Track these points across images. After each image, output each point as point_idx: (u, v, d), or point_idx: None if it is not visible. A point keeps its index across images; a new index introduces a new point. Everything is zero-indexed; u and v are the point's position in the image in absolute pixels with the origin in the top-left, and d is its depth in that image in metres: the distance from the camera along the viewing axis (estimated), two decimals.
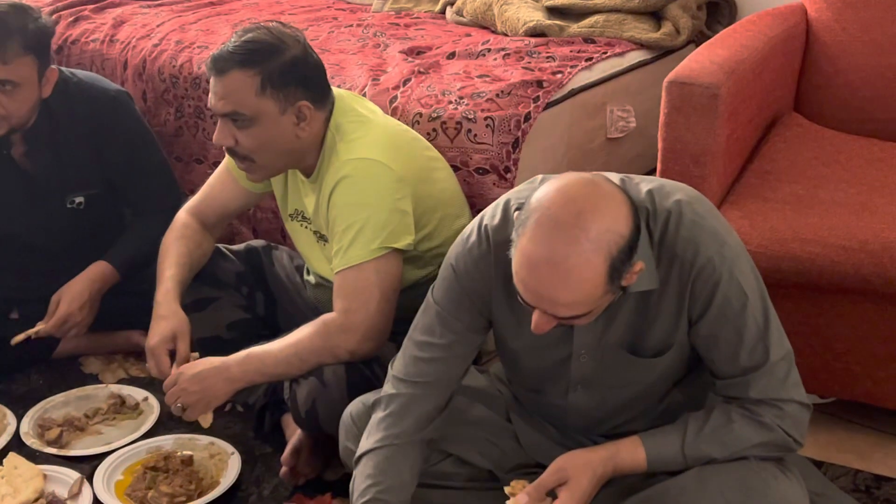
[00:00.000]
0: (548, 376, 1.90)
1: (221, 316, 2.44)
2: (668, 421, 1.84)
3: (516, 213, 1.68)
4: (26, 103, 2.48)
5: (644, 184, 1.74)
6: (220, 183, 2.41)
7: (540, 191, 1.63)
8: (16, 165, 2.57)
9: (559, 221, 1.58)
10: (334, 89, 2.26)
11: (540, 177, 1.79)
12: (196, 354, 2.24)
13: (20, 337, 2.51)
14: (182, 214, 2.43)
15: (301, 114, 2.14)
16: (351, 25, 3.27)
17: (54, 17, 3.36)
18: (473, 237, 1.83)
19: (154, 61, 3.11)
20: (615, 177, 1.73)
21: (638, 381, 1.85)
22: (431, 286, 1.92)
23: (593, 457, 1.81)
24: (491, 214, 1.83)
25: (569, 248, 1.57)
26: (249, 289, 2.50)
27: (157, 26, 3.27)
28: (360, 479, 1.87)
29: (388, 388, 1.92)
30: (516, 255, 1.62)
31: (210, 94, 2.14)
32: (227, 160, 2.37)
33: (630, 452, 1.81)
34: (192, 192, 2.99)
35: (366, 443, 1.89)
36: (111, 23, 3.32)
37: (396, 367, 1.92)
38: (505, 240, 1.71)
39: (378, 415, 1.91)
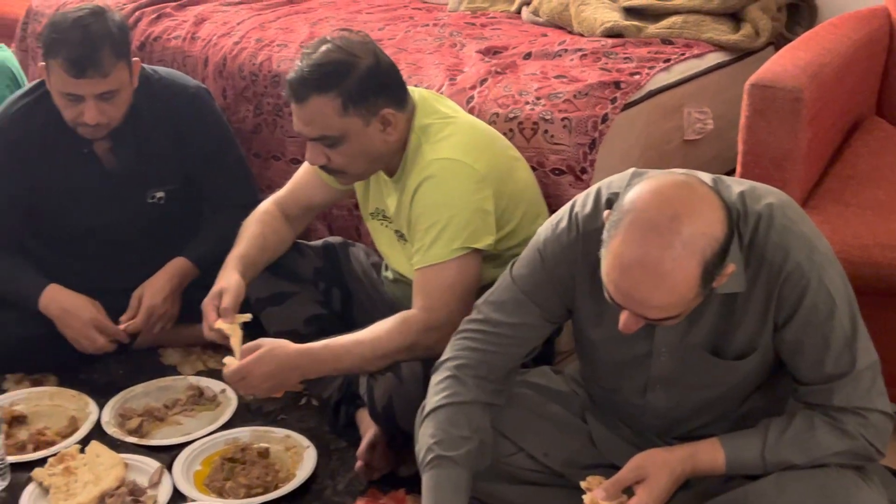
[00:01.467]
0: (625, 373, 1.90)
1: (299, 311, 2.46)
2: (747, 426, 1.82)
3: (607, 212, 1.67)
4: (124, 105, 2.53)
5: (735, 186, 1.73)
6: (306, 178, 2.44)
7: (633, 191, 1.62)
8: (98, 161, 2.62)
9: (653, 224, 1.57)
10: (416, 89, 2.27)
11: (632, 170, 1.79)
12: (248, 316, 2.27)
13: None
14: (265, 203, 2.47)
15: (385, 120, 2.16)
16: (427, 25, 3.27)
17: (136, 14, 3.41)
18: (563, 223, 1.84)
19: (234, 59, 3.14)
20: (707, 177, 1.72)
21: (718, 383, 1.84)
22: (511, 263, 1.94)
23: (672, 456, 1.80)
24: (582, 203, 1.83)
25: (663, 251, 1.56)
26: (326, 284, 2.52)
27: (238, 24, 3.31)
28: (423, 440, 1.90)
29: (448, 351, 1.95)
30: (608, 255, 1.61)
31: (294, 119, 2.17)
32: None
33: (709, 454, 1.79)
34: (269, 188, 3.04)
35: (428, 403, 1.92)
36: (192, 20, 3.37)
37: (460, 331, 1.94)
38: (595, 229, 1.71)
39: (437, 377, 1.93)
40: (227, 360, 2.17)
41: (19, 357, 2.62)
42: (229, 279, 2.30)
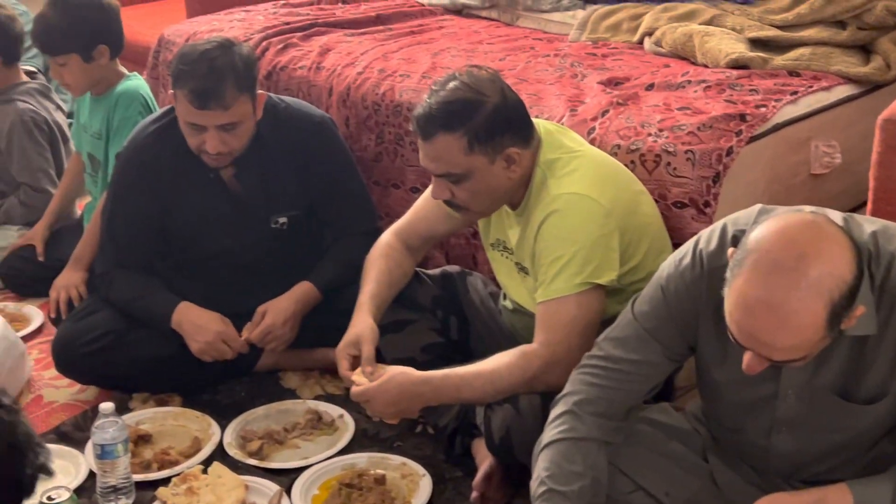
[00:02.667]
0: (749, 414, 1.86)
1: (417, 338, 2.49)
2: (876, 471, 1.77)
3: (731, 249, 1.64)
4: (246, 135, 2.58)
5: (867, 225, 1.69)
6: (427, 208, 2.46)
7: (758, 229, 1.59)
8: (225, 187, 2.68)
9: (779, 264, 1.54)
10: (541, 122, 2.28)
11: (759, 206, 1.76)
12: (383, 367, 2.27)
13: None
14: (387, 235, 2.49)
15: (510, 158, 2.17)
16: (548, 55, 3.27)
17: (264, 44, 3.49)
18: (687, 260, 1.82)
19: (358, 88, 3.19)
20: (837, 216, 1.68)
21: (847, 427, 1.79)
22: (633, 299, 1.92)
23: (798, 500, 1.77)
24: (707, 239, 1.81)
25: (788, 292, 1.53)
26: (444, 313, 2.54)
27: (361, 54, 3.36)
28: (536, 473, 1.89)
29: (568, 386, 1.93)
30: (731, 295, 1.59)
31: (420, 154, 2.21)
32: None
33: (837, 499, 1.74)
34: (389, 215, 3.07)
35: (544, 437, 1.92)
36: (318, 50, 3.43)
37: (581, 366, 1.93)
38: (720, 266, 1.68)
39: (556, 411, 1.93)
40: (356, 377, 2.21)
41: (146, 377, 2.69)
42: (364, 325, 2.32)
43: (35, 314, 3.16)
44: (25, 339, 2.95)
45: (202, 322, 2.59)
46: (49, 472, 1.49)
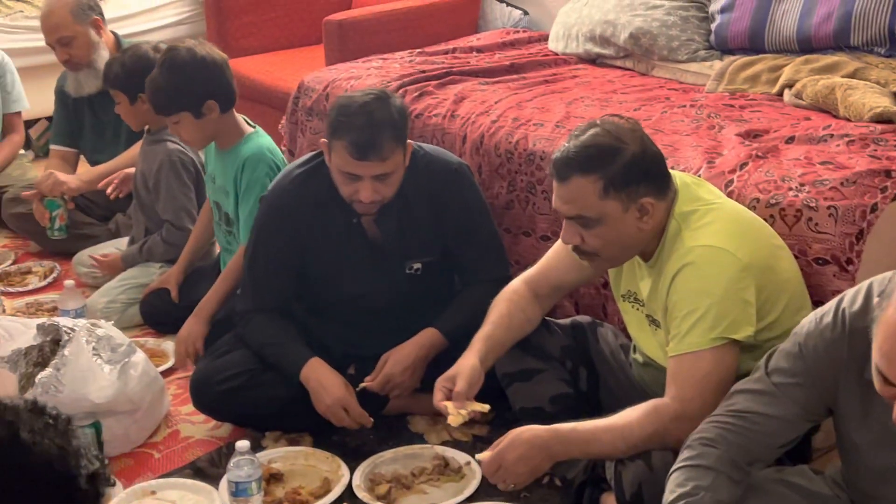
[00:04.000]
0: (891, 479, 1.79)
1: (545, 388, 2.48)
2: None
3: (876, 299, 1.60)
4: (397, 183, 2.63)
5: None
6: (558, 257, 2.46)
7: None
8: (363, 232, 2.72)
9: None
10: (677, 174, 2.27)
11: None
12: (485, 407, 2.29)
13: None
14: (516, 282, 2.51)
15: (644, 209, 2.17)
16: (684, 106, 3.25)
17: (400, 91, 3.56)
18: (829, 319, 1.78)
19: (491, 136, 3.22)
20: None
21: None
22: (768, 354, 1.88)
23: None
24: (851, 299, 1.77)
25: None
26: (574, 363, 2.53)
27: (495, 103, 3.39)
28: (666, 494, 1.88)
29: (697, 432, 1.92)
30: (881, 327, 1.50)
31: (554, 196, 2.21)
32: None
33: None
34: (518, 263, 3.08)
35: (672, 467, 1.90)
36: (452, 98, 3.47)
37: (712, 417, 1.91)
38: (863, 327, 1.64)
39: (685, 454, 1.90)
40: (480, 455, 2.20)
41: (279, 416, 2.73)
42: (466, 363, 2.35)
43: (173, 350, 3.25)
44: (164, 374, 3.02)
45: (327, 384, 2.61)
46: (109, 482, 1.49)
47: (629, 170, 2.13)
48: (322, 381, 2.62)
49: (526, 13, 4.56)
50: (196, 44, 3.04)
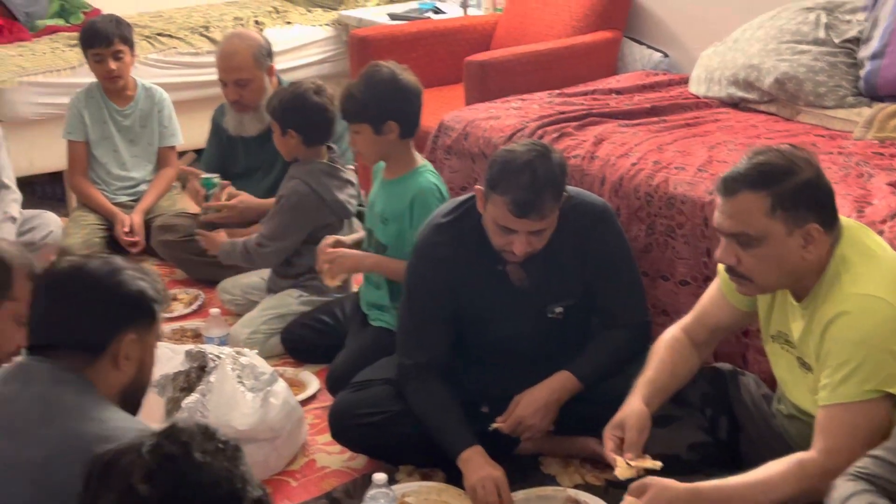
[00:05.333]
0: None
1: (683, 435, 2.46)
2: None
3: None
4: (549, 235, 2.61)
5: None
6: (712, 301, 2.44)
7: None
8: (507, 278, 2.72)
9: None
10: (844, 218, 2.22)
11: None
12: (657, 464, 2.24)
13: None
14: (673, 329, 2.49)
15: (809, 236, 2.12)
16: (831, 153, 3.18)
17: (539, 132, 3.57)
18: None
19: (631, 179, 3.20)
20: None
21: None
22: None
23: None
24: None
25: None
26: (713, 411, 2.50)
27: (635, 145, 3.37)
28: None
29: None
30: None
31: (716, 213, 2.18)
32: (718, 280, 2.40)
33: None
34: (656, 307, 3.06)
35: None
36: (592, 140, 3.47)
37: (857, 466, 1.85)
38: None
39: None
40: (619, 468, 2.22)
41: (414, 452, 2.74)
42: (633, 408, 2.33)
43: (311, 380, 3.28)
44: (302, 403, 3.07)
45: (482, 474, 2.56)
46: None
47: (800, 192, 2.10)
48: (478, 470, 2.57)
49: (666, 55, 4.53)
50: (399, 68, 3.12)
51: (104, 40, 4.13)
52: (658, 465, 2.26)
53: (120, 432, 1.68)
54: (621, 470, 2.24)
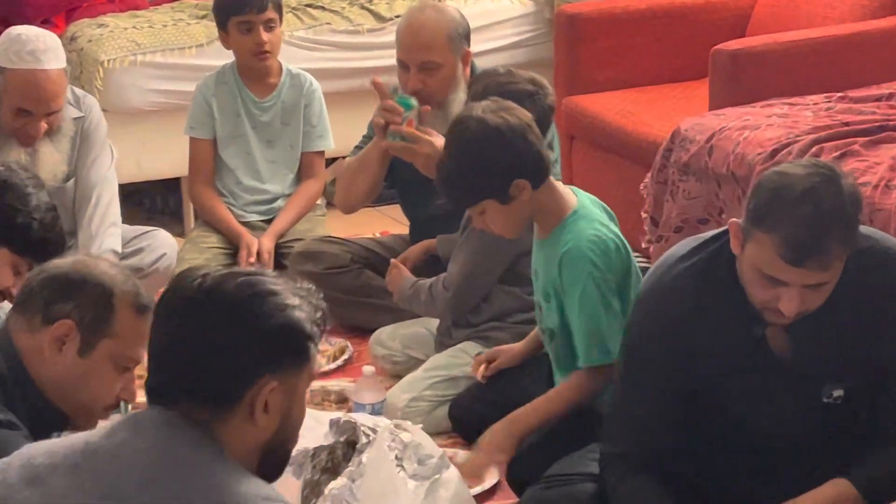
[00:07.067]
0: None
1: None
2: None
3: None
4: (830, 291, 2.56)
5: None
6: None
7: None
8: (766, 346, 2.67)
9: None
10: None
11: None
12: None
13: None
14: None
15: None
16: None
17: (814, 149, 3.50)
18: None
19: None
20: None
21: None
22: None
23: None
24: None
25: None
26: None
27: None
28: None
29: None
30: None
31: None
32: None
33: None
34: None
35: None
36: (888, 164, 3.39)
37: None
38: None
39: None
40: None
41: None
42: None
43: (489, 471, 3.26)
44: (477, 498, 3.05)
45: None
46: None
47: None
48: None
49: None
50: (486, 108, 3.07)
51: (256, 4, 4.20)
52: None
53: (242, 500, 1.71)
54: None
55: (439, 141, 3.55)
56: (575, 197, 3.18)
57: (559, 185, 3.19)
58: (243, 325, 1.83)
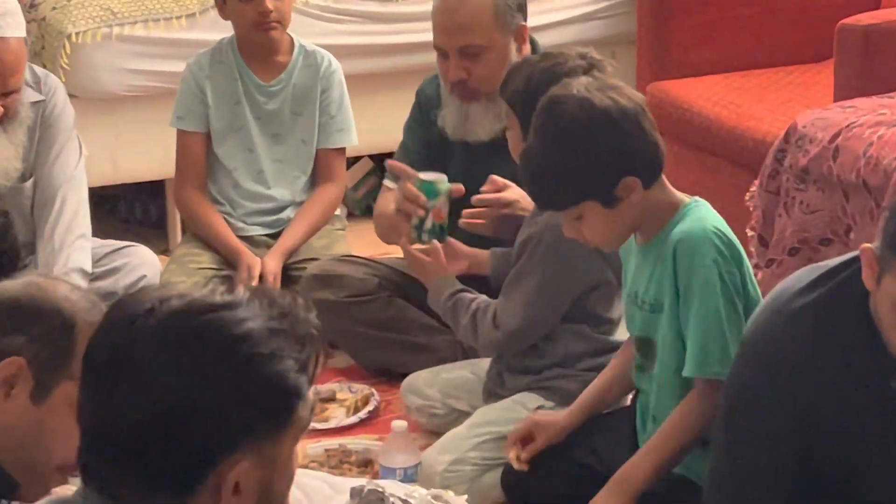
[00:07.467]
0: None
1: None
2: None
3: None
4: None
5: None
6: None
7: None
8: None
9: None
10: None
11: None
12: None
13: None
14: None
15: None
16: None
17: None
18: None
19: None
20: None
21: None
22: None
23: None
24: None
25: None
26: None
27: None
28: None
29: None
30: None
31: None
32: None
33: None
34: None
35: None
36: None
37: None
38: None
39: None
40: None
41: None
42: None
43: None
44: None
45: None
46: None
47: None
48: None
49: None
50: (589, 86, 3.03)
51: None
52: None
53: None
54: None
55: (482, 255, 3.74)
56: (689, 199, 3.15)
57: (668, 184, 3.14)
58: (203, 388, 1.71)
